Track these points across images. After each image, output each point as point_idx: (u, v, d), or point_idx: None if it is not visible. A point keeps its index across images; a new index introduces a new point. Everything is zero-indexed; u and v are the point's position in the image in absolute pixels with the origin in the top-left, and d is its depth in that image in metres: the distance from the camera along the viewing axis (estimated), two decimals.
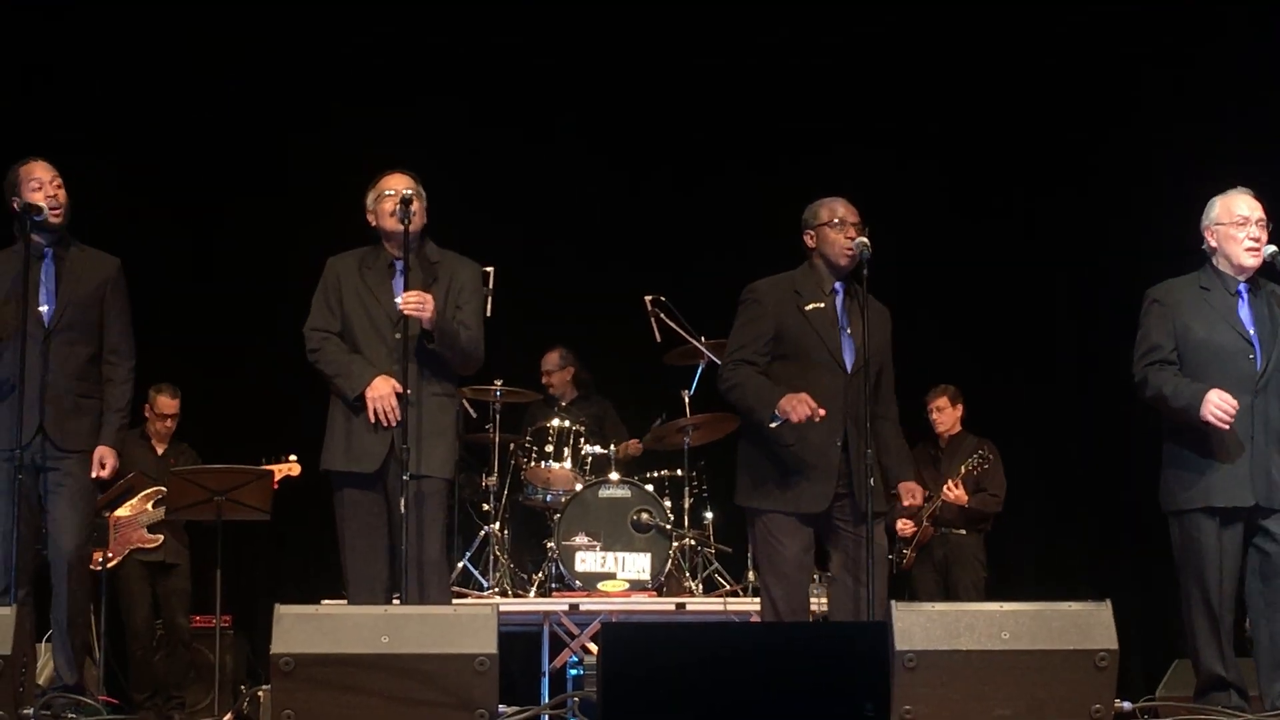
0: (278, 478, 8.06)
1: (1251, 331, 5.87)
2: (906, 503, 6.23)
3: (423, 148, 9.28)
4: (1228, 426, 5.68)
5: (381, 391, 5.96)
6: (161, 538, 8.40)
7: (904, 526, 8.50)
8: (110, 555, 8.19)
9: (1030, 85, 10.20)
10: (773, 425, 5.87)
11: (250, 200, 10.04)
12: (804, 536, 5.99)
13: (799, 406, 5.77)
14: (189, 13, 9.90)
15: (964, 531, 8.20)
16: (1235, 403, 5.65)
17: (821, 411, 5.80)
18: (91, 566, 7.10)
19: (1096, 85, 10.17)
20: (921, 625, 5.14)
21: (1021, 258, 10.16)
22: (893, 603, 5.38)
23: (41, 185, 6.19)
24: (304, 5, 10.02)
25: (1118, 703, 5.29)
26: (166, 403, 8.66)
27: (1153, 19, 9.82)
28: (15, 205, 6.18)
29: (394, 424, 5.94)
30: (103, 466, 6.20)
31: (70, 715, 5.83)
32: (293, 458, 8.21)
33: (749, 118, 10.39)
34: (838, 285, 6.11)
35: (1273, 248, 5.85)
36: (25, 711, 5.23)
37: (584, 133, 10.38)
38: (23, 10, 9.73)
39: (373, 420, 5.96)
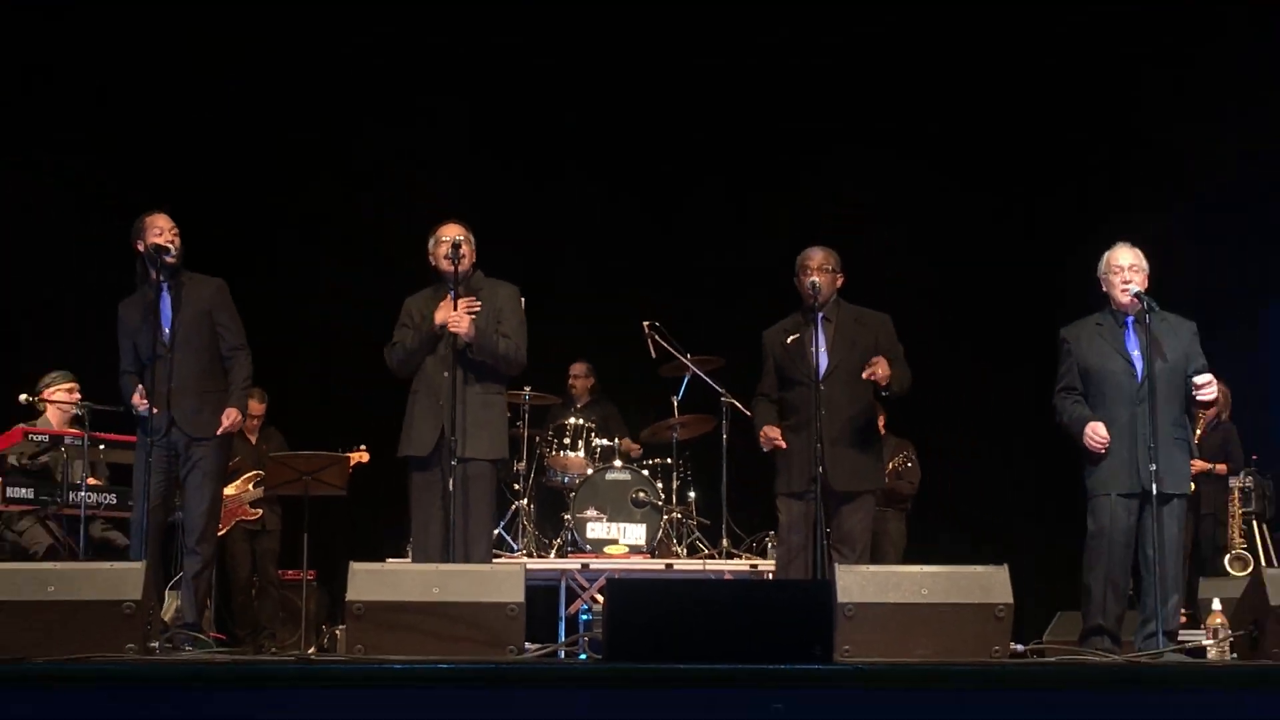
0: (352, 463, 8.07)
1: (1134, 354, 5.92)
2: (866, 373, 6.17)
3: (456, 180, 8.87)
4: (1102, 450, 5.85)
5: (446, 311, 6.05)
6: (260, 512, 8.38)
7: None
8: (220, 526, 8.20)
9: (1030, 85, 9.32)
10: (766, 450, 6.24)
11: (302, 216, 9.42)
12: (798, 510, 6.13)
13: (762, 440, 6.22)
14: (195, 14, 8.99)
15: (889, 509, 8.20)
16: (1105, 435, 5.84)
17: (781, 444, 6.14)
18: None
19: (1096, 85, 9.27)
20: (858, 583, 5.20)
21: (1022, 258, 9.25)
22: (836, 565, 5.43)
23: (162, 232, 6.20)
24: (324, 19, 9.09)
25: (1012, 645, 5.33)
26: (255, 406, 8.50)
27: (1153, 19, 8.89)
28: (141, 247, 6.20)
29: (467, 313, 6.02)
30: (227, 419, 6.19)
31: (188, 648, 5.85)
32: (363, 447, 8.19)
33: (744, 157, 9.72)
34: (817, 316, 6.17)
35: (1138, 288, 5.91)
36: (152, 644, 5.24)
37: (598, 177, 9.69)
38: (23, 10, 8.70)
39: (454, 309, 6.01)
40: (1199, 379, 5.82)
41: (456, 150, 9.30)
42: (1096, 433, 5.86)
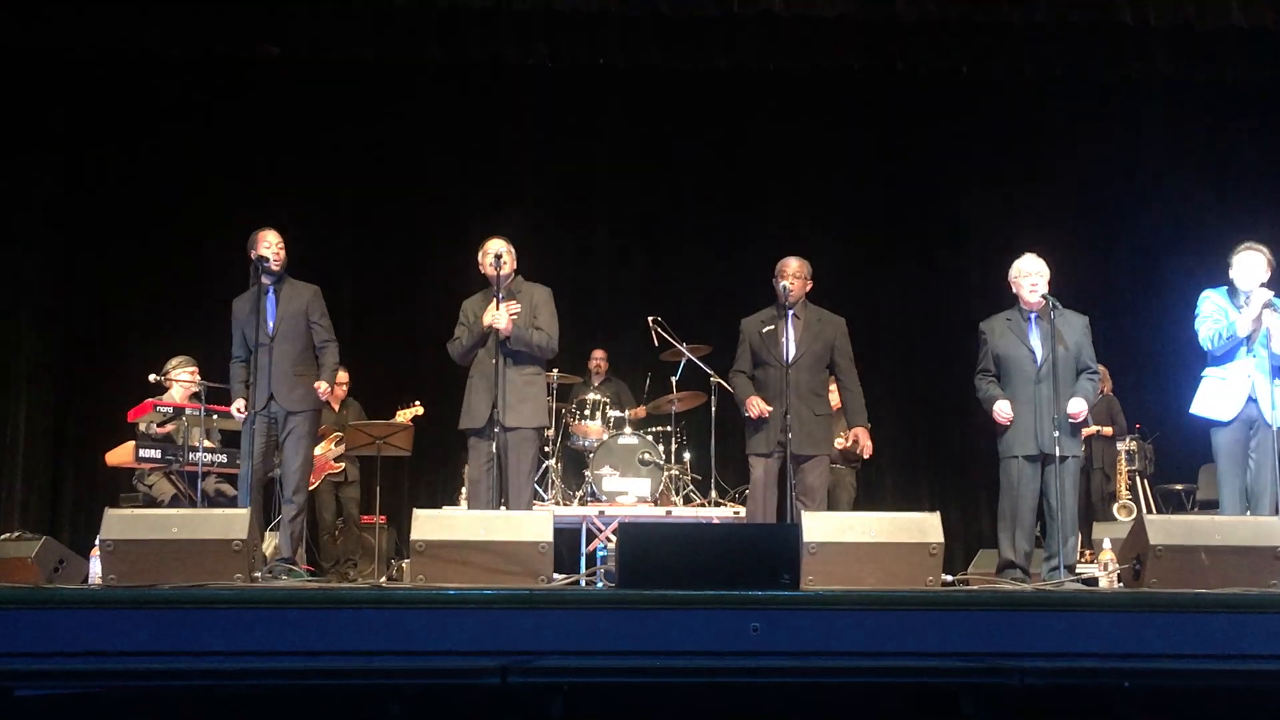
0: (410, 417, 8.04)
1: (1035, 344, 5.96)
2: (847, 445, 6.24)
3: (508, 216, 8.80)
4: (1006, 423, 5.92)
5: (490, 315, 6.05)
6: (344, 466, 8.40)
7: None
8: (311, 481, 8.19)
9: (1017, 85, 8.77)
10: (747, 416, 6.17)
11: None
12: (766, 466, 6.12)
13: (750, 408, 6.12)
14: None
15: (843, 466, 8.21)
16: (1009, 413, 5.91)
17: (768, 409, 6.06)
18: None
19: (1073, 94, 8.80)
20: (820, 526, 5.19)
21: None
22: (802, 511, 5.44)
23: (270, 245, 6.26)
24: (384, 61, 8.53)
25: (943, 575, 5.35)
26: (341, 375, 8.51)
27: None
28: (252, 255, 6.26)
29: (508, 313, 6.02)
30: (317, 388, 6.27)
31: (284, 577, 5.89)
32: (417, 402, 8.18)
33: (729, 187, 9.61)
34: (788, 312, 6.17)
35: (1044, 290, 5.94)
36: (255, 575, 5.26)
37: (609, 206, 9.76)
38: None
39: (496, 310, 6.02)
40: (1071, 407, 5.85)
41: (508, 200, 9.30)
42: (1001, 410, 5.95)
